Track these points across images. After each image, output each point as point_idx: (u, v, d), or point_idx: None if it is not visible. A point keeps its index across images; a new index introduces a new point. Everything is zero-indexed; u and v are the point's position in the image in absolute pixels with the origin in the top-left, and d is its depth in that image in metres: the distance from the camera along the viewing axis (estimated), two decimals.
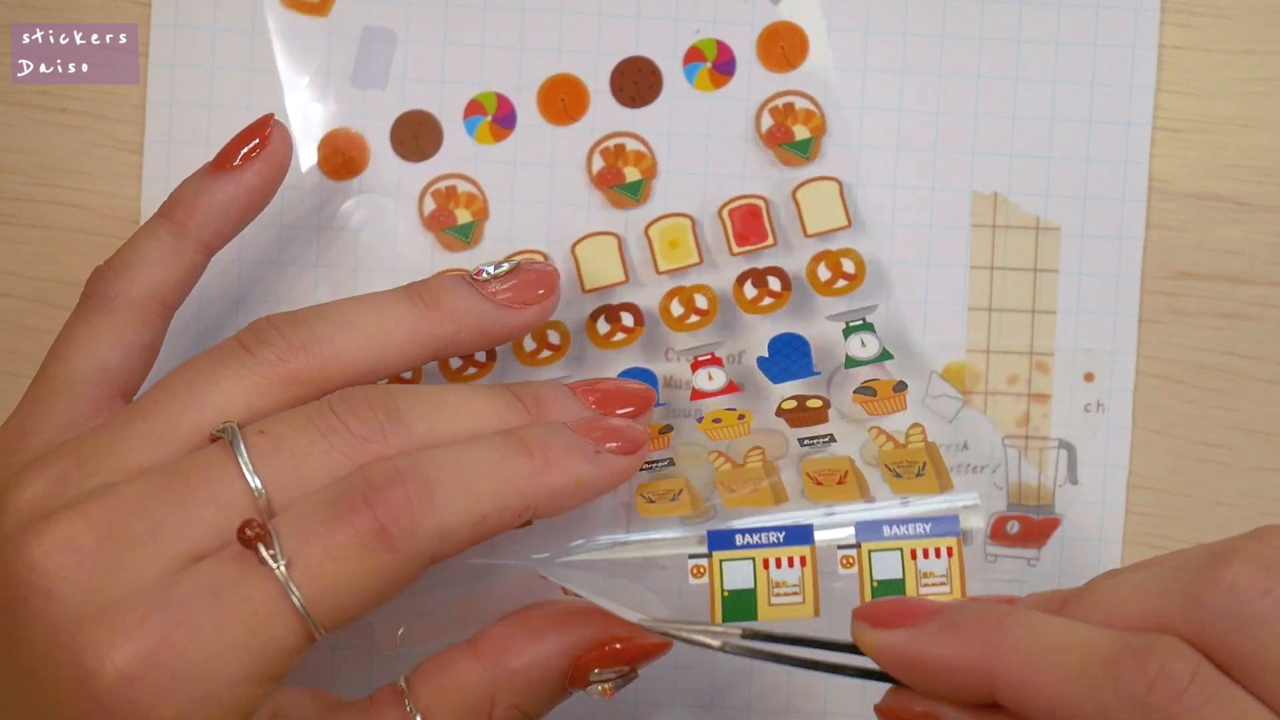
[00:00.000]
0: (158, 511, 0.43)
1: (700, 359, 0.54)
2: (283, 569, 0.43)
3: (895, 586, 0.49)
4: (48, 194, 0.56)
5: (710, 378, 0.53)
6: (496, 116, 0.55)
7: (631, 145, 0.55)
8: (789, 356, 0.54)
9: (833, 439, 0.53)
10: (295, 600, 0.42)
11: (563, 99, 0.55)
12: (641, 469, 0.50)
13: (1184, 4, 0.55)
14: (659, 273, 0.55)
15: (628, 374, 0.54)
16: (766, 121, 0.55)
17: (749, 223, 0.55)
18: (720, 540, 0.49)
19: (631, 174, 0.55)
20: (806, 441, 0.53)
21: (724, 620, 0.49)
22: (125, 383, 0.49)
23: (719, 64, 0.55)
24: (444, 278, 0.50)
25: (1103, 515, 0.55)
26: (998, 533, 0.55)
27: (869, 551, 0.49)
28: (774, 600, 0.49)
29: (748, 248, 0.55)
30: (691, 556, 0.49)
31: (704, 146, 0.55)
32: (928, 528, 0.49)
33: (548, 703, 0.48)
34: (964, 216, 0.55)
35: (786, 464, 0.53)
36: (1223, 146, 0.55)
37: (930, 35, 0.55)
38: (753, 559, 0.49)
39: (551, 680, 0.47)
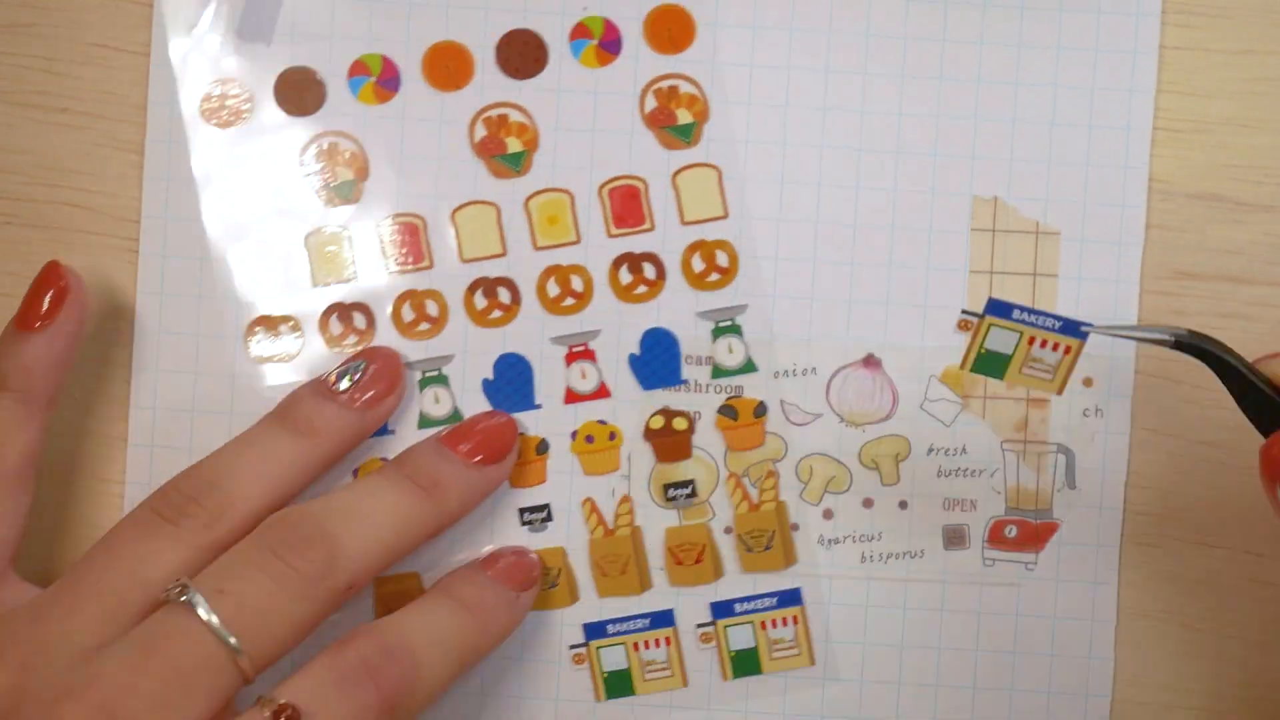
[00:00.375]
0: (151, 689, 0.46)
1: (575, 349, 0.55)
2: None
3: (750, 655, 0.55)
4: (48, 194, 0.56)
5: (584, 375, 0.55)
6: (381, 78, 0.55)
7: (515, 116, 0.55)
8: (660, 358, 0.55)
9: (693, 493, 0.55)
10: None
11: (448, 65, 0.55)
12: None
13: (1184, 4, 0.55)
14: (537, 248, 0.55)
15: (504, 360, 0.55)
16: (650, 103, 0.55)
17: (627, 204, 0.55)
18: (595, 631, 0.55)
19: (514, 145, 0.55)
20: (671, 494, 0.55)
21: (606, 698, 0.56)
22: (13, 550, 0.52)
23: (605, 42, 0.55)
24: (310, 399, 0.53)
25: (1101, 520, 0.55)
26: (995, 537, 0.55)
27: (724, 627, 0.55)
28: (647, 677, 0.55)
29: (625, 230, 0.55)
30: (571, 646, 0.55)
31: (588, 123, 0.55)
32: (774, 600, 0.55)
33: None
34: (964, 220, 0.55)
35: (650, 526, 0.55)
36: (1223, 147, 0.55)
37: (931, 39, 0.55)
38: (624, 644, 0.55)
39: None
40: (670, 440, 0.55)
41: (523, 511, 0.55)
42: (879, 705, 0.55)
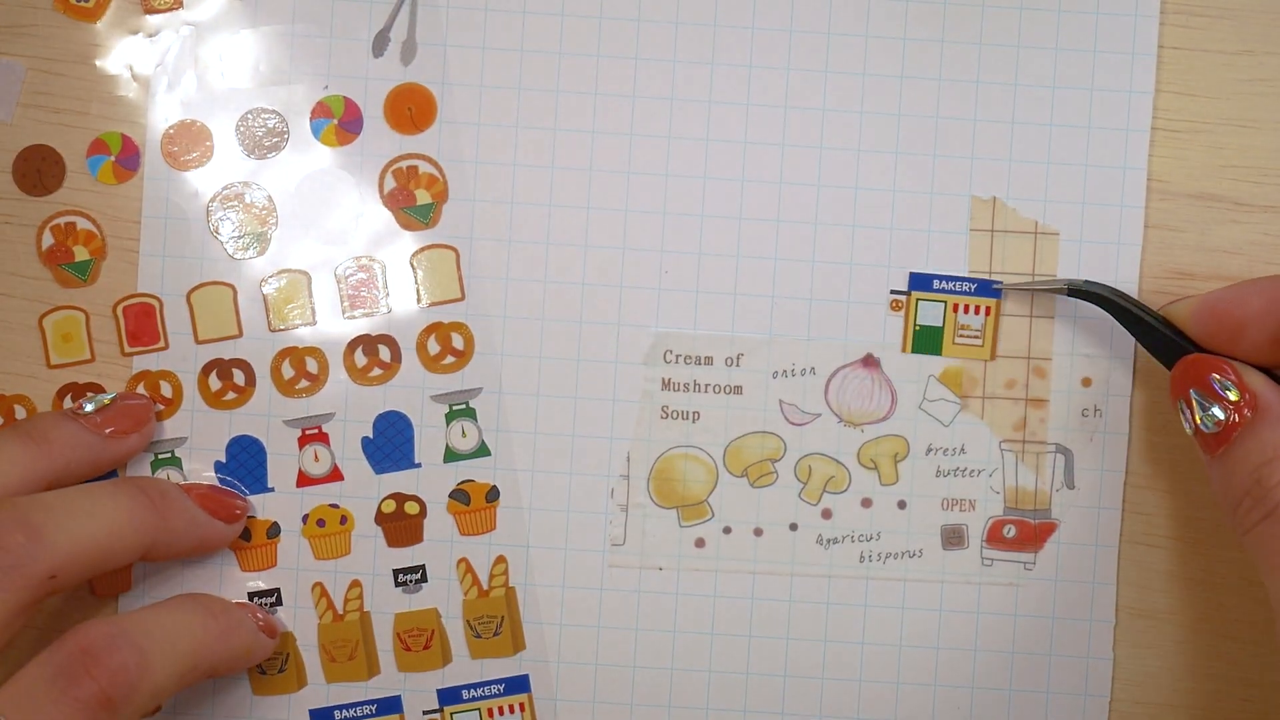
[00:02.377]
0: None
1: (308, 431, 0.55)
2: None
3: None
4: (48, 194, 0.56)
5: (316, 458, 0.55)
6: (119, 157, 0.55)
7: (251, 195, 0.55)
8: (393, 440, 0.55)
9: (423, 579, 0.55)
10: None
11: (175, 148, 0.55)
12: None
13: (1183, 5, 0.55)
14: (272, 330, 0.55)
15: (237, 443, 0.55)
16: (389, 183, 0.55)
17: (361, 287, 0.55)
18: (321, 717, 0.55)
19: (252, 226, 0.55)
20: (400, 579, 0.55)
21: None
22: None
23: (345, 121, 0.55)
24: (51, 415, 0.53)
25: (1099, 520, 0.55)
26: (994, 537, 0.55)
27: (451, 714, 0.56)
28: None
29: (360, 312, 0.55)
30: None
31: (325, 202, 0.55)
32: (501, 687, 0.55)
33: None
34: (963, 221, 0.55)
35: (382, 610, 0.55)
36: (1222, 147, 0.55)
37: (930, 41, 0.55)
38: None
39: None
40: (402, 525, 0.55)
41: (252, 596, 0.55)
42: (878, 705, 0.55)
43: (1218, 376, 0.49)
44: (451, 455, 0.55)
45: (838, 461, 0.55)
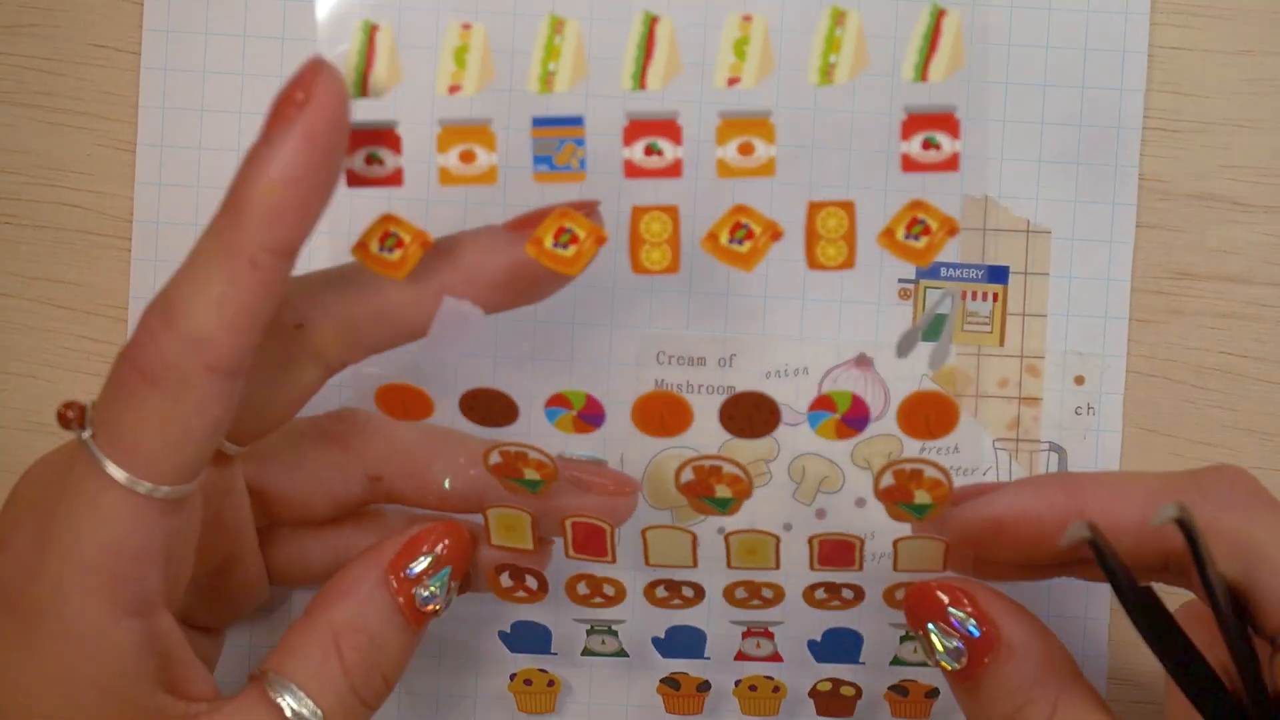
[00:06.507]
0: None
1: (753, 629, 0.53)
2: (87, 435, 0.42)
3: None
4: (48, 194, 0.56)
5: (758, 646, 0.54)
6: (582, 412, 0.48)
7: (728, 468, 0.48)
8: (840, 647, 0.54)
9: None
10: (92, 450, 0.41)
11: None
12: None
13: (1182, 5, 0.55)
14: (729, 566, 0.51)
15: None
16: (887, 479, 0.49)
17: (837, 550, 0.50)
18: None
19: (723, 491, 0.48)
20: None
21: None
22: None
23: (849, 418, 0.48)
24: None
25: None
26: None
27: None
28: None
29: (828, 569, 0.51)
30: None
31: None
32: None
33: (391, 625, 0.47)
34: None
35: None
36: (1221, 147, 0.55)
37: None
38: None
39: (381, 596, 0.47)
40: (836, 701, 0.55)
41: None
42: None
43: (954, 610, 0.45)
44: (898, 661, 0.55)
45: (831, 462, 0.55)
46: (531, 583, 0.50)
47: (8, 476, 0.56)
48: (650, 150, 0.41)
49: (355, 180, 0.41)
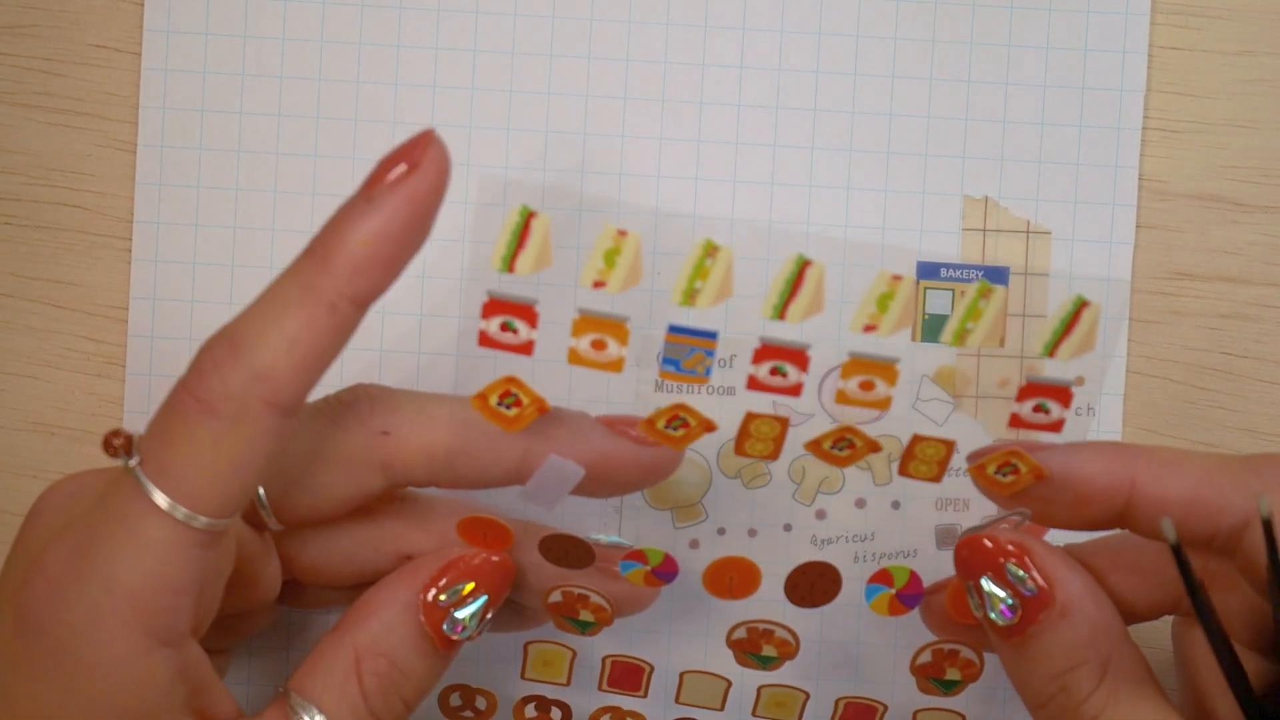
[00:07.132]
0: None
1: None
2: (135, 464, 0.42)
3: None
4: (48, 194, 0.56)
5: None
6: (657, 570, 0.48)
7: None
8: None
9: None
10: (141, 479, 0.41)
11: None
12: None
13: (1182, 5, 0.55)
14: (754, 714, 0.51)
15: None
16: (924, 656, 0.49)
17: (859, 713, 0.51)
18: None
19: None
20: None
21: None
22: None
23: (903, 594, 0.48)
24: None
25: None
26: None
27: None
28: None
29: None
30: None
31: None
32: None
33: (413, 650, 0.46)
34: (955, 220, 0.55)
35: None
36: (1221, 147, 0.55)
37: (921, 40, 0.55)
38: None
39: (407, 620, 0.46)
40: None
41: None
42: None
43: (1012, 563, 0.45)
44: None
45: None
46: (555, 714, 0.51)
47: (7, 476, 0.56)
48: (775, 372, 0.44)
49: (486, 342, 0.43)
